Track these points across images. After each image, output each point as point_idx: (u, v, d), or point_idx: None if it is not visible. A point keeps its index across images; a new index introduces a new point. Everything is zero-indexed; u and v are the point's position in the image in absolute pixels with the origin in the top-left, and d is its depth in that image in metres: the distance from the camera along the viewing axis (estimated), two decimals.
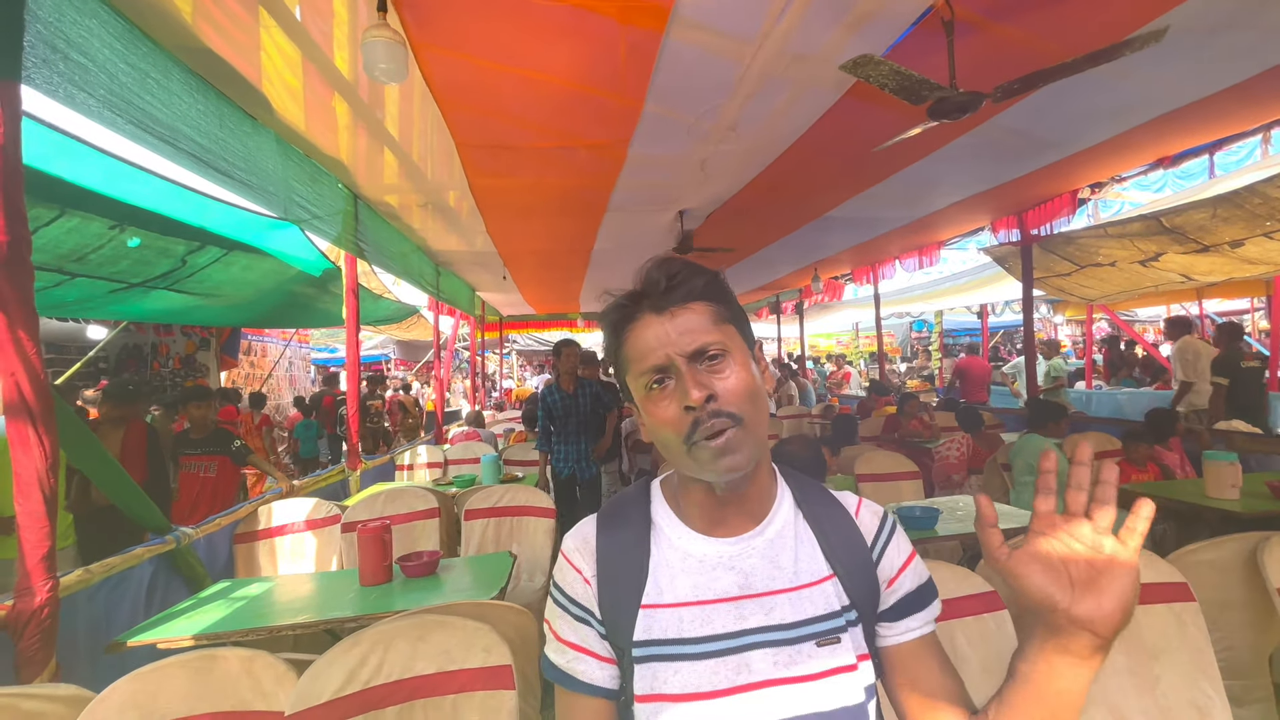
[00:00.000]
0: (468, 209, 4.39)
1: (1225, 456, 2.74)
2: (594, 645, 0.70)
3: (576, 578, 0.71)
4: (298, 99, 2.58)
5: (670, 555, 0.71)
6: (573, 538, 0.74)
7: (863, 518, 0.75)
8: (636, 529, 0.73)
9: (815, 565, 0.71)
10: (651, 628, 0.67)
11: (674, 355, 0.65)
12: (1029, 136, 3.46)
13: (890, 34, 2.30)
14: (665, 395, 0.66)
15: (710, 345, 0.65)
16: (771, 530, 0.72)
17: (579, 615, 0.70)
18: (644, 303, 0.68)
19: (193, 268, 3.17)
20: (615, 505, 0.77)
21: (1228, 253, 4.36)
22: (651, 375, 0.66)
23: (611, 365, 0.74)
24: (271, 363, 8.74)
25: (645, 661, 0.66)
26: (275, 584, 2.28)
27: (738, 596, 0.68)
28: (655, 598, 0.69)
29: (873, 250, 6.69)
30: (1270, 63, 2.61)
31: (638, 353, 0.68)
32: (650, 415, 0.67)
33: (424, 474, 4.75)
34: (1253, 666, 1.67)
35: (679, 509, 0.74)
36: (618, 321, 0.70)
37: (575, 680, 0.69)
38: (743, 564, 0.70)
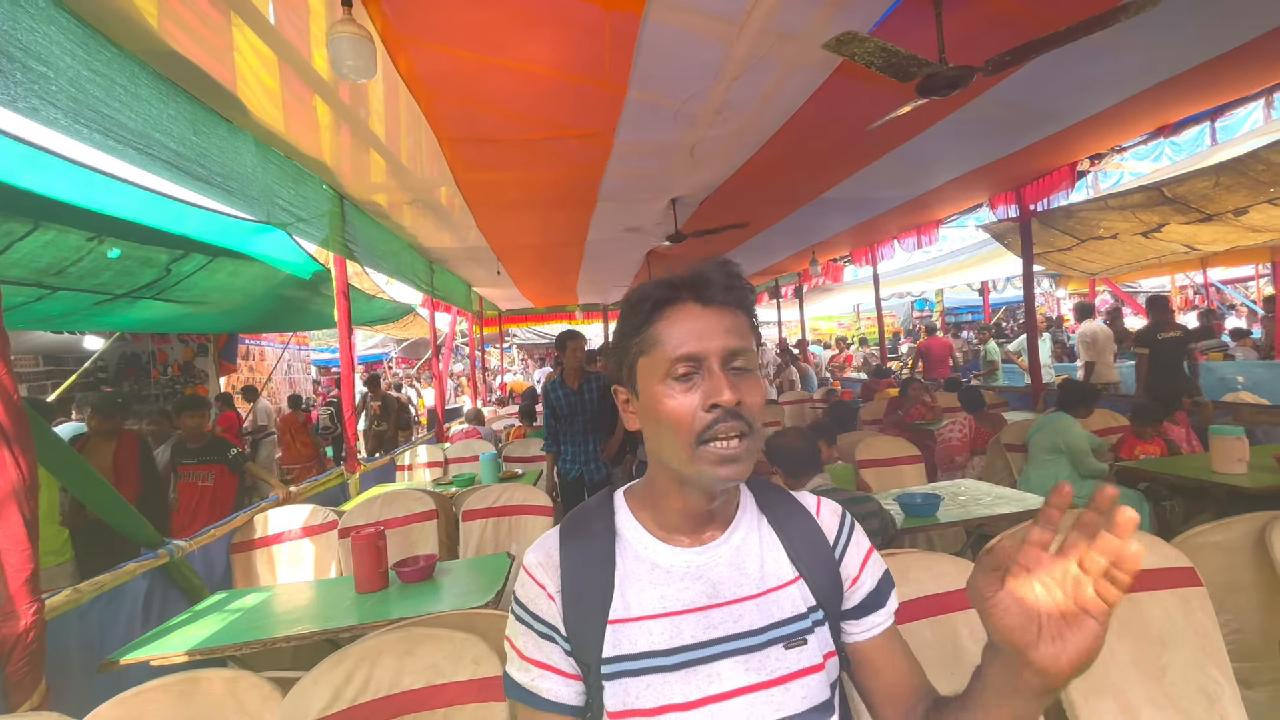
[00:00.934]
0: (458, 205, 4.33)
1: (1231, 430, 2.69)
2: (559, 662, 0.68)
3: (540, 593, 0.70)
4: (275, 100, 2.52)
5: (636, 567, 0.70)
6: (535, 552, 0.72)
7: (823, 517, 0.76)
8: (601, 542, 0.71)
9: (780, 568, 0.71)
10: (620, 643, 0.66)
11: (712, 350, 0.65)
12: (1025, 109, 3.38)
13: (876, 9, 2.22)
14: (690, 388, 0.65)
15: (744, 351, 0.67)
16: (736, 537, 0.72)
17: (543, 632, 0.69)
18: (689, 292, 0.68)
19: (178, 276, 3.13)
20: (578, 517, 0.75)
21: (1231, 221, 4.28)
22: (681, 363, 0.65)
23: (626, 340, 0.71)
24: (270, 366, 8.73)
25: (616, 678, 0.65)
26: (273, 594, 2.27)
27: (706, 606, 0.68)
28: (623, 612, 0.68)
29: (871, 231, 6.61)
30: (1271, 24, 2.53)
31: (672, 336, 0.66)
32: (661, 405, 0.66)
33: (424, 474, 4.74)
34: (1262, 649, 1.64)
35: (646, 519, 0.73)
36: (659, 300, 0.69)
37: (540, 699, 0.68)
38: (710, 573, 0.70)
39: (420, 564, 2.24)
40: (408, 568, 2.21)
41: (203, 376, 7.37)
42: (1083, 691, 1.37)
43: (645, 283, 0.72)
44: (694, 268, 0.69)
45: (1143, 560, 0.47)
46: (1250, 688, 1.58)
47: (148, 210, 2.49)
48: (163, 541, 2.25)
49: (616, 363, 0.73)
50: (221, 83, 2.27)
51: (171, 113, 1.98)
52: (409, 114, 2.88)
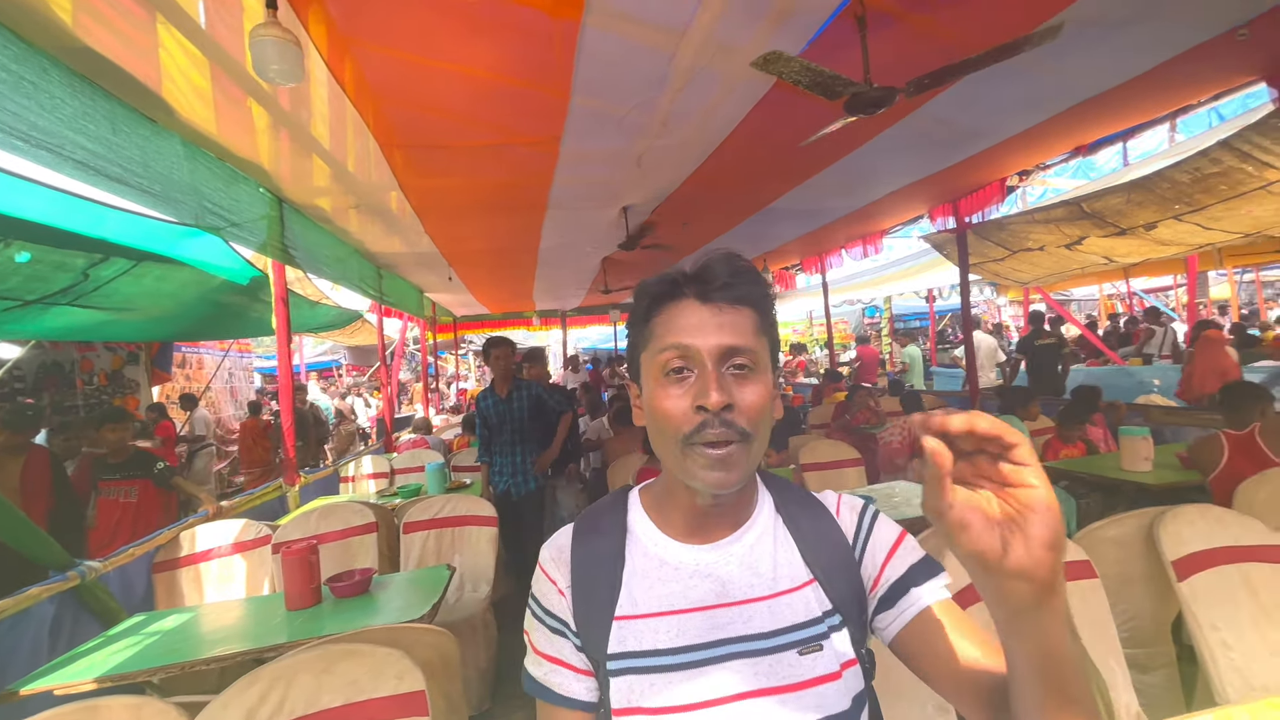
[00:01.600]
0: (406, 210, 4.25)
1: (1138, 431, 2.88)
2: (570, 657, 0.68)
3: (551, 589, 0.70)
4: (206, 101, 2.43)
5: (645, 564, 0.69)
6: (548, 548, 0.72)
7: (843, 516, 0.73)
8: (612, 538, 0.71)
9: (795, 571, 0.69)
10: (625, 640, 0.66)
11: (705, 348, 0.62)
12: (956, 127, 3.55)
13: (809, 28, 2.31)
14: (680, 385, 0.63)
15: (744, 350, 0.63)
16: (750, 536, 0.70)
17: (554, 627, 0.69)
18: (693, 287, 0.66)
19: (97, 281, 2.96)
20: (591, 514, 0.75)
21: (1143, 235, 4.59)
22: (673, 357, 0.63)
23: (631, 334, 0.71)
24: (209, 374, 8.34)
25: (620, 674, 0.65)
26: (197, 614, 2.17)
27: (714, 605, 0.66)
28: (629, 609, 0.67)
29: (819, 240, 6.80)
30: (1170, 53, 2.73)
31: (666, 330, 0.65)
32: (655, 401, 0.64)
33: (369, 485, 4.61)
34: (1156, 635, 1.76)
35: (658, 515, 0.72)
36: (659, 295, 0.67)
37: (552, 693, 0.68)
38: (720, 571, 0.68)
39: (355, 578, 2.18)
40: (342, 582, 2.16)
41: (133, 386, 6.98)
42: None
43: (652, 276, 0.70)
44: (700, 261, 0.67)
45: None
46: (1145, 672, 1.70)
47: (61, 212, 2.35)
48: (73, 563, 2.13)
49: (630, 357, 0.72)
50: (145, 82, 2.18)
51: (88, 111, 1.89)
52: (353, 118, 2.82)
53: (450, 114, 2.84)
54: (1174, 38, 2.62)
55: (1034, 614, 0.46)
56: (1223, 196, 3.82)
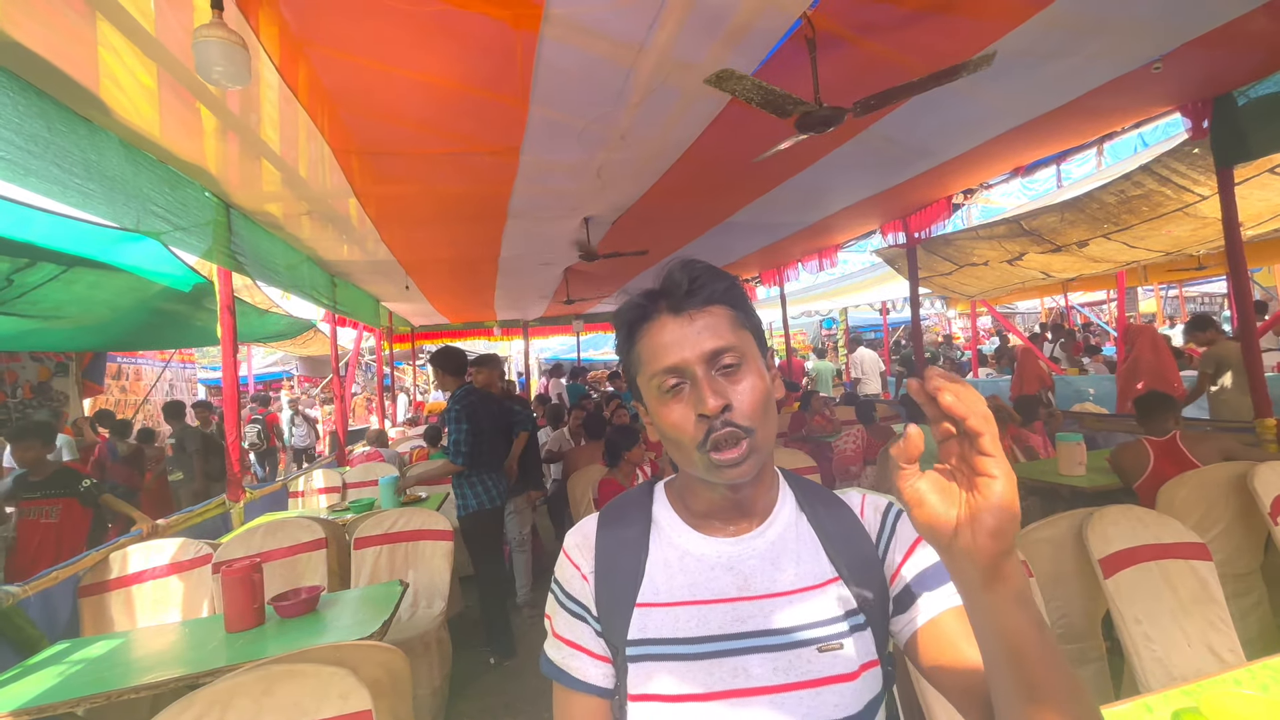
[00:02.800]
0: (361, 218, 4.16)
1: (1072, 437, 3.04)
2: (589, 643, 0.69)
3: (575, 574, 0.71)
4: (151, 101, 2.34)
5: (669, 554, 0.70)
6: (574, 534, 0.74)
7: (867, 515, 0.73)
8: (637, 527, 0.72)
9: (818, 568, 0.69)
10: (646, 626, 0.66)
11: (691, 359, 0.64)
12: (905, 146, 3.71)
13: (763, 48, 2.38)
14: (680, 400, 0.65)
15: (727, 349, 0.65)
16: (773, 532, 0.71)
17: (576, 612, 0.70)
18: (663, 303, 0.68)
19: (22, 287, 2.79)
20: (617, 505, 0.76)
21: (1076, 252, 4.88)
22: (666, 377, 0.65)
23: (622, 365, 0.73)
24: (147, 386, 7.92)
25: (639, 660, 0.65)
26: (128, 639, 2.05)
27: (736, 598, 0.67)
28: (651, 596, 0.68)
29: (777, 254, 6.96)
30: (1094, 83, 2.93)
31: (652, 353, 0.67)
32: (662, 418, 0.66)
33: (320, 500, 4.45)
34: (1086, 631, 1.86)
35: (682, 508, 0.73)
36: (634, 321, 0.69)
37: (570, 677, 0.69)
38: (743, 565, 0.69)
39: (302, 596, 2.11)
40: (287, 601, 2.08)
41: (62, 399, 6.58)
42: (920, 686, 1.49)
43: (625, 300, 0.72)
44: (663, 274, 0.68)
45: None
46: (1078, 666, 1.78)
47: None
48: None
49: (626, 381, 0.74)
50: (81, 81, 2.08)
51: (20, 107, 1.79)
52: (305, 123, 2.75)
53: (408, 121, 2.81)
54: (1096, 70, 2.81)
55: (983, 595, 0.47)
56: (1145, 217, 4.11)
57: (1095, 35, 2.48)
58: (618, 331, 0.72)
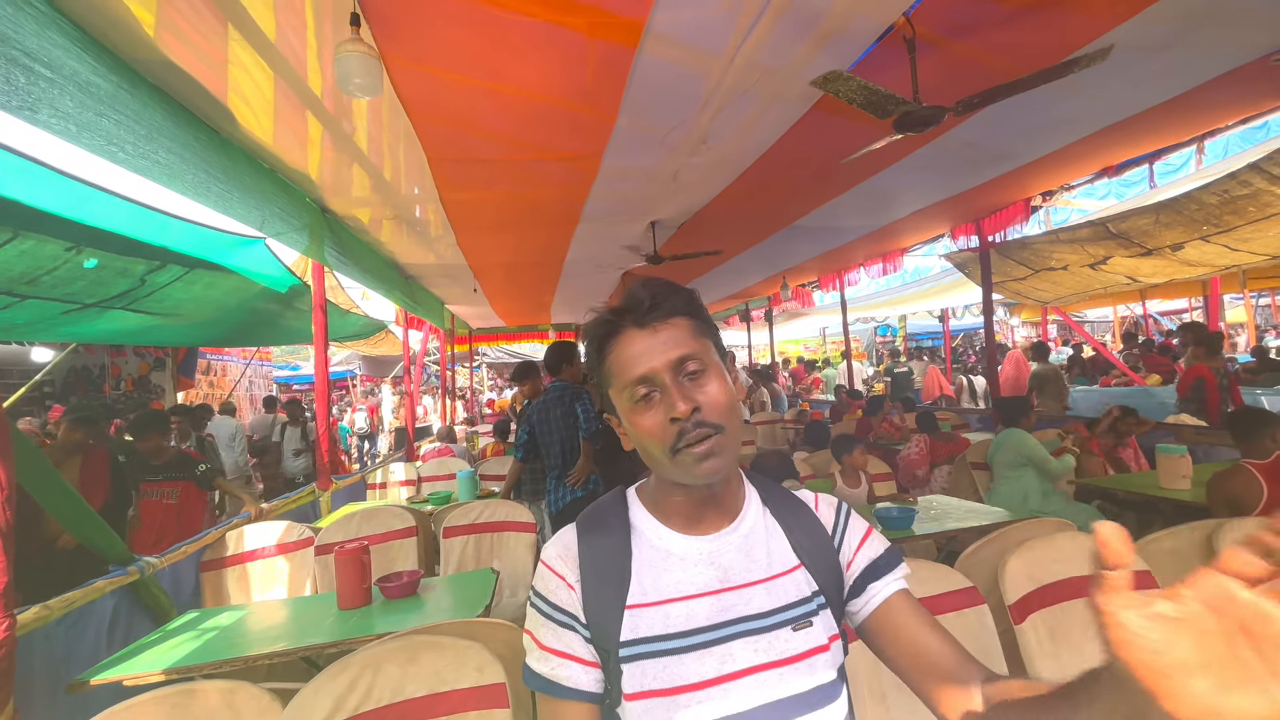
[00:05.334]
0: (439, 222, 4.34)
1: (1175, 450, 2.88)
2: (579, 650, 0.71)
3: (560, 584, 0.73)
4: (268, 111, 2.53)
5: (652, 555, 0.74)
6: (554, 545, 0.76)
7: (821, 510, 0.81)
8: (617, 534, 0.75)
9: (785, 556, 0.76)
10: (638, 627, 0.70)
11: (659, 368, 0.69)
12: (984, 148, 3.61)
13: (855, 50, 2.38)
14: (651, 407, 0.70)
15: (690, 356, 0.70)
16: (744, 526, 0.76)
17: (563, 621, 0.71)
18: (627, 318, 0.73)
19: (152, 287, 3.05)
20: (594, 513, 0.79)
21: (1169, 255, 4.62)
22: (636, 388, 0.70)
23: (593, 380, 0.78)
24: (232, 382, 8.45)
25: (634, 660, 0.68)
26: (247, 612, 2.20)
27: (718, 590, 0.72)
28: (640, 598, 0.71)
29: (839, 258, 6.86)
30: (1201, 79, 2.79)
31: (622, 365, 0.71)
32: (635, 426, 0.71)
33: (397, 492, 4.65)
34: None
35: (657, 512, 0.77)
36: (603, 337, 0.74)
37: (561, 687, 0.70)
38: (721, 559, 0.74)
39: (404, 579, 2.21)
40: (391, 583, 2.19)
41: (158, 392, 7.09)
42: None
43: (591, 320, 0.77)
44: (625, 293, 0.75)
45: None
46: None
47: (129, 220, 2.44)
48: (133, 558, 2.17)
49: (599, 395, 0.79)
50: (213, 93, 2.28)
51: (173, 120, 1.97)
52: (395, 132, 2.91)
53: (495, 132, 2.93)
54: (1206, 63, 2.68)
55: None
56: (1251, 218, 3.86)
57: (1209, 26, 2.37)
58: (587, 348, 0.76)
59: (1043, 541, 1.54)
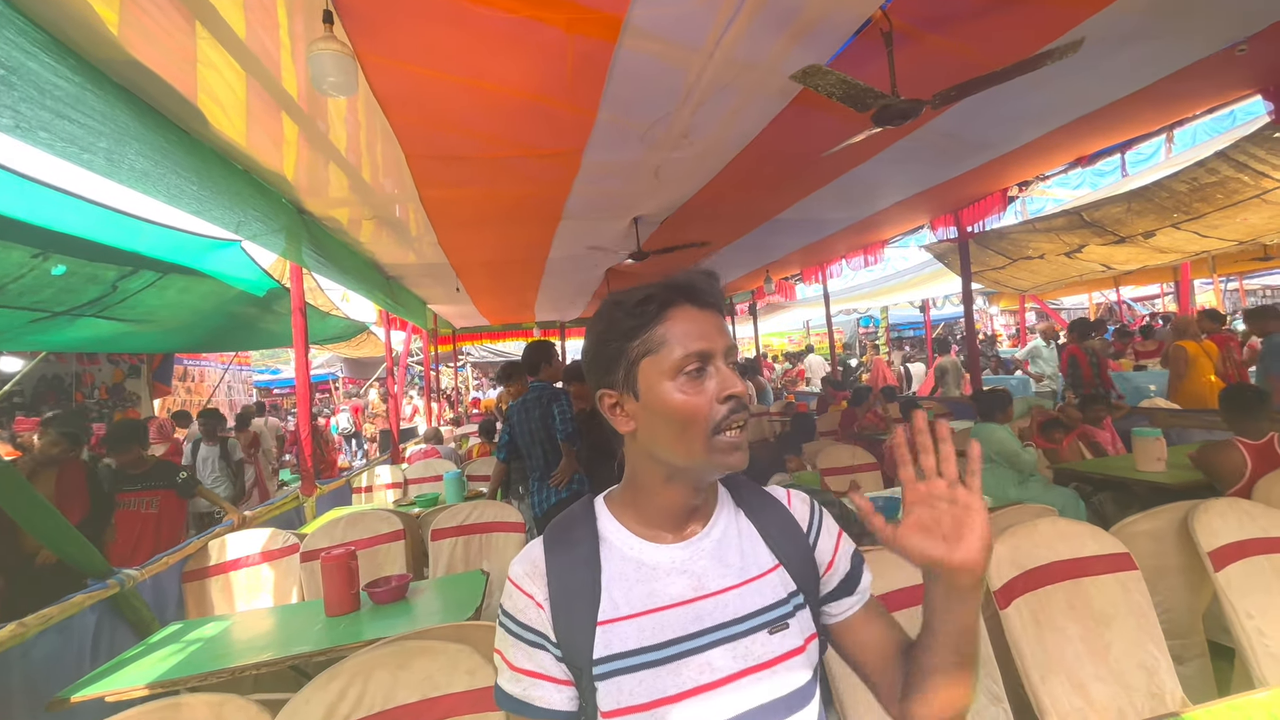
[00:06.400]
0: (419, 221, 4.29)
1: (1150, 433, 2.96)
2: (550, 669, 0.69)
3: (528, 603, 0.70)
4: (240, 112, 2.48)
5: (623, 567, 0.72)
6: (520, 563, 0.73)
7: (795, 507, 0.80)
8: (585, 547, 0.73)
9: (760, 558, 0.75)
10: (611, 643, 0.68)
11: (719, 348, 0.70)
12: (961, 139, 3.65)
13: (833, 44, 2.39)
14: (703, 382, 0.69)
15: (735, 348, 0.73)
16: (717, 531, 0.75)
17: (533, 641, 0.69)
18: (685, 295, 0.72)
19: (124, 293, 2.97)
20: (560, 526, 0.76)
21: (1141, 243, 4.72)
22: (692, 360, 0.69)
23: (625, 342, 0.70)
24: (210, 387, 8.29)
25: (608, 677, 0.67)
26: (232, 622, 2.17)
27: (693, 598, 0.70)
28: (611, 612, 0.69)
29: (821, 250, 6.90)
30: (1170, 69, 2.85)
31: (678, 336, 0.69)
32: (671, 402, 0.68)
33: (384, 495, 4.60)
34: (1189, 626, 1.81)
35: (628, 520, 0.75)
36: (664, 302, 0.71)
37: (533, 707, 0.69)
38: (694, 566, 0.72)
39: (393, 584, 2.19)
40: (380, 588, 2.17)
41: (134, 399, 6.93)
42: (1040, 673, 1.49)
43: (630, 289, 0.72)
44: (681, 276, 0.73)
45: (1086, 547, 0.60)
46: (1181, 663, 1.74)
47: (99, 226, 2.37)
48: (112, 571, 2.12)
49: (607, 366, 0.72)
50: (184, 94, 2.22)
51: (141, 122, 1.92)
52: (372, 130, 2.87)
53: (475, 129, 2.90)
54: (1176, 53, 2.73)
55: (966, 597, 0.65)
56: (1219, 205, 3.96)
57: (1176, 18, 2.41)
58: (636, 310, 0.70)
59: (1025, 528, 1.57)
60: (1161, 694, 1.48)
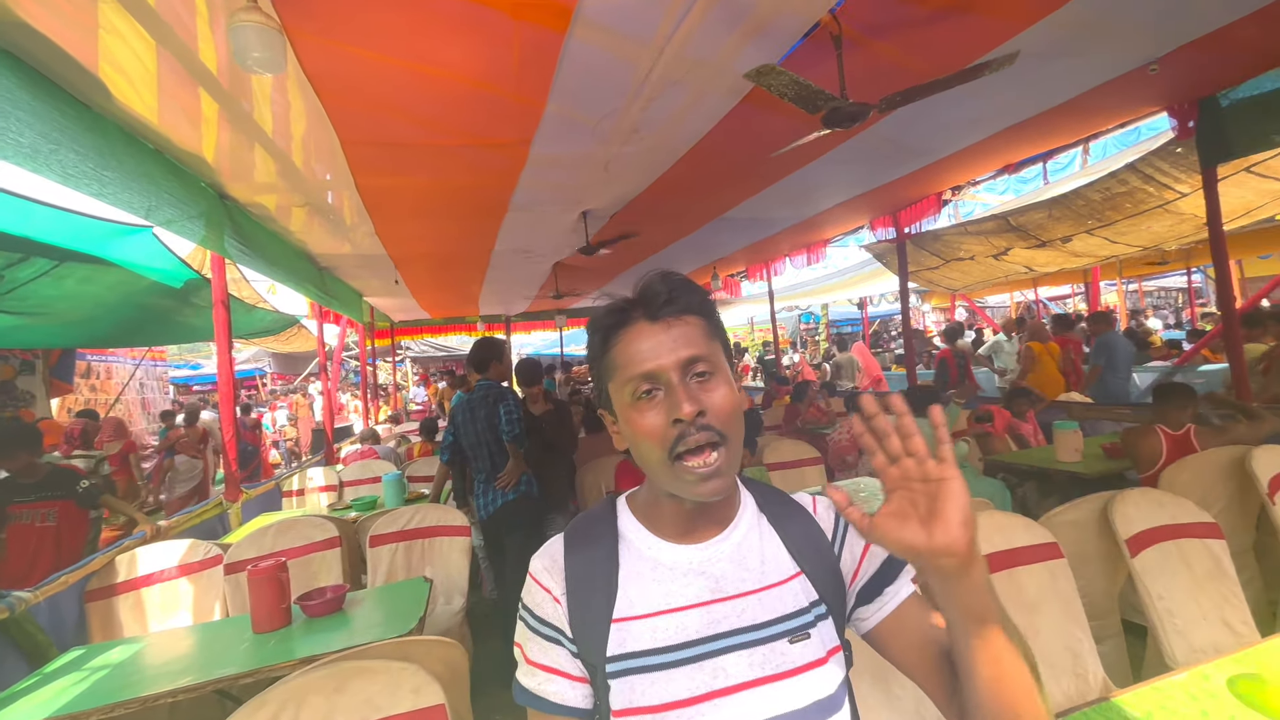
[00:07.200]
0: (355, 210, 4.07)
1: (1069, 425, 3.16)
2: (566, 665, 0.69)
3: (546, 598, 0.70)
4: (150, 86, 2.25)
5: (640, 566, 0.71)
6: (540, 558, 0.73)
7: (820, 514, 0.78)
8: (604, 544, 0.72)
9: (782, 565, 0.73)
10: (625, 641, 0.67)
11: (667, 366, 0.66)
12: (902, 144, 3.79)
13: (783, 45, 2.41)
14: (653, 406, 0.66)
15: (701, 358, 0.67)
16: (737, 534, 0.73)
17: (549, 636, 0.69)
18: (639, 309, 0.69)
19: (12, 283, 2.66)
20: (581, 523, 0.76)
21: (1060, 247, 5.05)
22: (640, 383, 0.66)
23: (594, 368, 0.73)
24: (119, 385, 7.63)
25: (621, 676, 0.66)
26: (145, 645, 1.99)
27: (709, 601, 0.69)
28: (627, 611, 0.68)
29: (766, 248, 7.03)
30: (1089, 85, 3.04)
31: (627, 359, 0.67)
32: (633, 425, 0.67)
33: (317, 499, 4.36)
34: (1107, 608, 1.95)
35: (647, 520, 0.74)
36: (610, 327, 0.69)
37: (548, 702, 0.68)
38: (712, 569, 0.71)
39: (328, 596, 2.07)
40: (313, 601, 2.04)
41: (27, 399, 6.29)
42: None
43: (599, 308, 0.72)
44: (640, 284, 0.70)
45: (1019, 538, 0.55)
46: (1100, 642, 1.86)
47: None
48: (1, 595, 1.90)
49: (598, 386, 0.74)
50: (82, 63, 2.00)
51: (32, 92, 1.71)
52: (303, 112, 2.68)
53: (422, 113, 2.76)
54: (1095, 70, 2.91)
55: (962, 580, 0.57)
56: (1128, 213, 4.28)
57: (1099, 36, 2.57)
58: (591, 337, 0.72)
59: None
60: (1085, 674, 1.57)
